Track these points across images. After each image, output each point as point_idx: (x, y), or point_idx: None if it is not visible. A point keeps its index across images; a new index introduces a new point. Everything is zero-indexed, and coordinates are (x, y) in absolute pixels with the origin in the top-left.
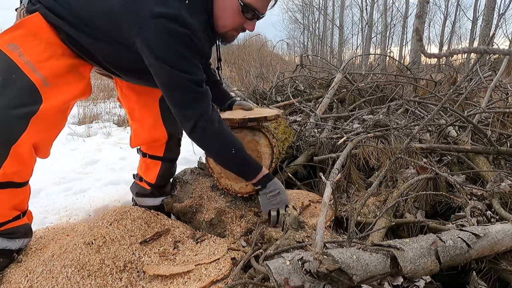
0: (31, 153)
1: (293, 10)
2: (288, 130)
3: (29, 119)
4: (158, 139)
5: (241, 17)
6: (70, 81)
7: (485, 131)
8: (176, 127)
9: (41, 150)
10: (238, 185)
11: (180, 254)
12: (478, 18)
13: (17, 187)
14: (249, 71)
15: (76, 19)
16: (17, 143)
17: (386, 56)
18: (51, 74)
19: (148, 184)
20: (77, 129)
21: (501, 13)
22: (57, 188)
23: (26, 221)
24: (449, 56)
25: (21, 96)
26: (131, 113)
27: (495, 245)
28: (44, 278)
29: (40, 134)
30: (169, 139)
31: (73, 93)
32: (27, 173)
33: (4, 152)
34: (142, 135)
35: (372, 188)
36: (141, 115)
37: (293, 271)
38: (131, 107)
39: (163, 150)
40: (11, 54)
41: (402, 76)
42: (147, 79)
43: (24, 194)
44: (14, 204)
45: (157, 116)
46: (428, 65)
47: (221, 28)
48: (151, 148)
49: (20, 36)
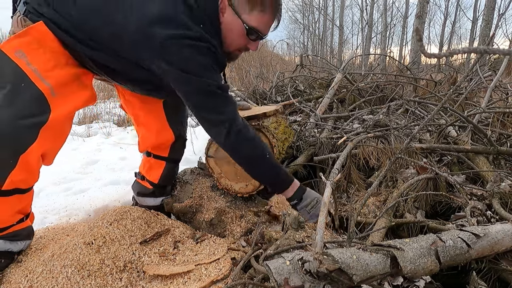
0: (38, 161)
1: (293, 10)
2: (288, 130)
3: (39, 129)
4: (165, 142)
5: (246, 39)
6: (74, 90)
7: (485, 131)
8: (183, 128)
9: (48, 158)
10: (238, 185)
11: (180, 254)
12: (478, 18)
13: (22, 193)
14: (249, 71)
15: (79, 32)
16: (26, 152)
17: (386, 56)
18: (57, 83)
19: (150, 183)
20: (77, 129)
21: (501, 13)
22: (57, 188)
23: (29, 224)
24: (449, 56)
25: (31, 106)
26: (136, 119)
27: (495, 245)
28: (44, 278)
29: (48, 143)
30: (175, 141)
31: (79, 102)
32: (33, 179)
33: (13, 162)
34: (149, 139)
35: (372, 188)
36: (146, 120)
37: (293, 271)
38: (136, 113)
39: (168, 150)
40: (19, 62)
41: (402, 76)
42: (157, 92)
43: (28, 199)
44: (19, 209)
45: (163, 119)
46: (428, 65)
47: (226, 49)
48: (157, 148)
49: (26, 43)
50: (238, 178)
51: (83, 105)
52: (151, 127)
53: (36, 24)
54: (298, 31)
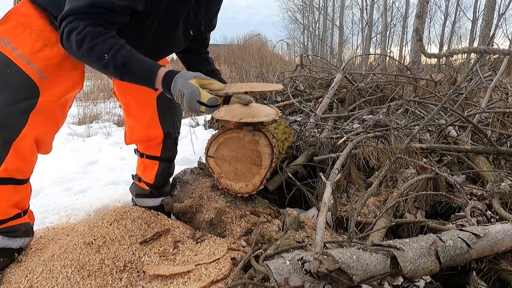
0: (32, 148)
1: (293, 10)
2: (288, 130)
3: (29, 113)
4: (154, 138)
5: None
6: (66, 69)
7: (485, 131)
8: (173, 125)
9: (42, 145)
10: (238, 185)
11: (180, 254)
12: (478, 18)
13: (17, 184)
14: (249, 71)
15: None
16: (18, 138)
17: (386, 56)
18: (47, 64)
19: (146, 184)
20: (77, 129)
21: (501, 13)
22: (57, 188)
23: (27, 220)
24: (449, 56)
25: (19, 91)
26: (127, 109)
27: (495, 245)
28: (44, 278)
29: (40, 128)
30: (165, 138)
31: (69, 83)
32: (28, 170)
33: (5, 148)
34: (138, 132)
35: (372, 188)
36: (137, 112)
37: (293, 271)
38: (128, 102)
39: (160, 149)
40: (4, 49)
41: (402, 76)
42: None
43: (25, 192)
44: (15, 202)
45: (154, 114)
46: (428, 65)
47: None
48: (148, 148)
49: (10, 29)
50: (238, 178)
51: (74, 88)
52: (142, 119)
53: (17, 5)
54: (298, 31)
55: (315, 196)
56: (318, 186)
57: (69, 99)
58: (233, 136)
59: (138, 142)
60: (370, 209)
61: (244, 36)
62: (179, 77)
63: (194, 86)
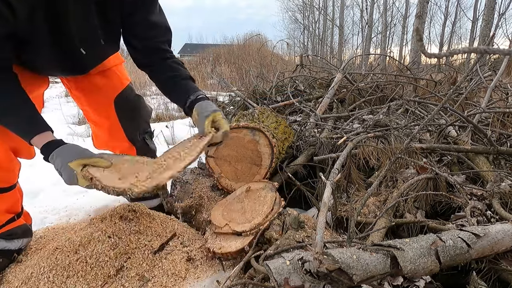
0: (9, 157)
1: (293, 10)
2: (288, 130)
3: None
4: (121, 143)
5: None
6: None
7: (485, 131)
8: (137, 128)
9: (21, 151)
10: (238, 185)
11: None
12: (478, 18)
13: (3, 192)
14: (249, 71)
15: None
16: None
17: (386, 56)
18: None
19: None
20: (77, 129)
21: (501, 13)
22: (57, 188)
23: (22, 222)
24: (449, 56)
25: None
26: (86, 115)
27: (495, 245)
28: (43, 278)
29: (10, 136)
30: (133, 143)
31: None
32: (10, 177)
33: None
34: (102, 137)
35: (372, 188)
36: (96, 117)
37: (293, 271)
38: (84, 108)
39: (135, 152)
40: None
41: (402, 76)
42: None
43: (14, 197)
44: (5, 208)
45: (114, 119)
46: (428, 65)
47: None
48: (124, 151)
49: None
50: (238, 178)
51: (34, 88)
52: (102, 125)
53: None
54: (298, 31)
55: (315, 196)
56: (318, 186)
57: (35, 100)
58: (233, 136)
59: (106, 147)
60: (370, 209)
61: (244, 36)
62: (58, 156)
63: (71, 171)
